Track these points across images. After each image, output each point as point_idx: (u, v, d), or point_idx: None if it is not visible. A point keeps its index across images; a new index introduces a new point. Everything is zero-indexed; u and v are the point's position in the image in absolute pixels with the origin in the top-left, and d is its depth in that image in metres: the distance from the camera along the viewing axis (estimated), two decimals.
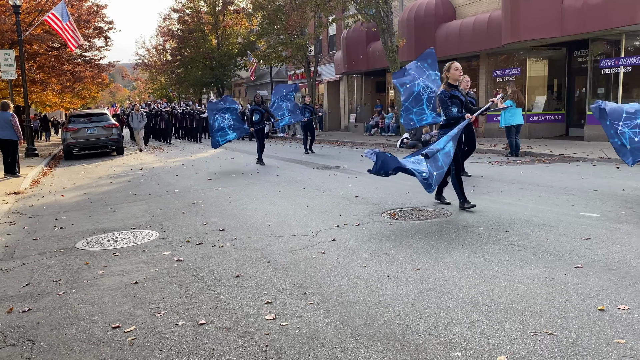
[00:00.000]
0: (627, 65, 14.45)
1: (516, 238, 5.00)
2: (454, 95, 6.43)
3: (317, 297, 3.73)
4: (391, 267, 4.33)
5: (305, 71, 27.10)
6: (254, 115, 13.54)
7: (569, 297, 3.46)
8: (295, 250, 5.00)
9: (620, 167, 9.80)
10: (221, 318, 3.45)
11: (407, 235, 5.36)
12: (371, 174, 5.99)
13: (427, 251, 4.74)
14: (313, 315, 3.40)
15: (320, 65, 29.52)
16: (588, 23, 14.03)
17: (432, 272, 4.13)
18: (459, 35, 18.58)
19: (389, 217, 6.27)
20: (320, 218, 6.39)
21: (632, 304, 3.28)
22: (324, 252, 4.85)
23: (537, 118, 17.52)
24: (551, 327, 3.03)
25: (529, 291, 3.61)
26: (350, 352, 2.86)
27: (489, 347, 2.82)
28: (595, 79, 15.58)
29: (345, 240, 5.28)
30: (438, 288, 3.77)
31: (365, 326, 3.18)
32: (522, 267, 4.14)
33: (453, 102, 6.42)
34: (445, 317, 3.24)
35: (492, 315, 3.24)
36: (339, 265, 4.44)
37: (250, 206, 7.43)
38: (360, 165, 11.97)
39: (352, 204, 7.23)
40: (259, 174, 11.17)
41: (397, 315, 3.32)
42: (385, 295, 3.68)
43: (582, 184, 8.02)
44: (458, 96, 6.44)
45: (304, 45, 25.21)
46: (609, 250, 4.46)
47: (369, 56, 23.97)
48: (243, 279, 4.23)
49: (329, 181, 9.58)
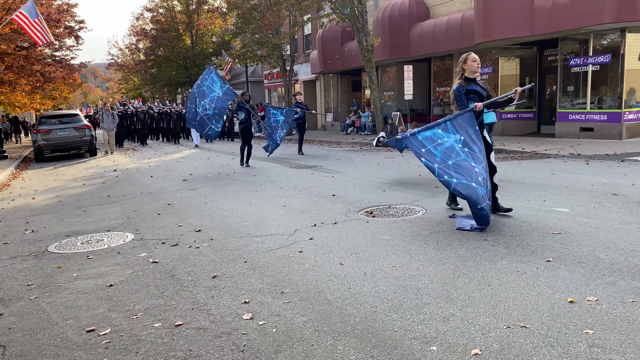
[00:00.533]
0: (595, 63, 14.82)
1: (490, 234, 5.10)
2: (471, 90, 5.80)
3: (295, 295, 3.74)
4: (368, 264, 4.36)
5: (281, 70, 27.03)
6: (239, 113, 12.82)
7: (541, 290, 3.54)
8: (272, 249, 5.00)
9: (590, 164, 10.06)
10: (198, 319, 3.44)
11: (384, 232, 5.41)
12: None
13: (403, 248, 4.79)
14: (290, 314, 3.41)
15: (296, 64, 29.49)
16: (557, 23, 14.34)
17: (408, 269, 4.18)
18: (433, 35, 18.79)
19: (365, 215, 6.31)
20: (297, 217, 6.40)
21: (601, 296, 3.38)
22: (302, 251, 4.86)
23: (510, 116, 17.83)
24: (523, 319, 3.10)
25: (502, 285, 3.69)
26: (328, 349, 2.88)
27: (464, 341, 2.88)
28: (565, 77, 15.93)
29: (323, 238, 5.30)
30: (414, 284, 3.82)
31: (343, 323, 3.21)
32: (496, 262, 4.22)
33: (470, 97, 5.79)
34: (421, 312, 3.29)
35: (466, 309, 3.30)
36: (316, 264, 4.45)
37: (227, 206, 7.40)
38: (338, 165, 12.03)
39: (329, 202, 7.26)
40: (235, 174, 11.12)
41: (374, 312, 3.35)
42: (362, 292, 3.71)
43: (553, 179, 8.20)
44: (477, 90, 5.82)
45: (280, 45, 25.14)
46: (578, 244, 4.58)
47: (345, 55, 24.06)
48: (220, 280, 4.21)
49: (306, 180, 9.59)
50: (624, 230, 4.95)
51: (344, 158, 13.60)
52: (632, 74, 14.35)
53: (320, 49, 25.46)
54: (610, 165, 9.69)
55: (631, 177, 8.08)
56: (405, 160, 12.15)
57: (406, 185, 8.47)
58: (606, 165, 9.82)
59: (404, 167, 11.01)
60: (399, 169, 10.72)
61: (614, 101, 14.62)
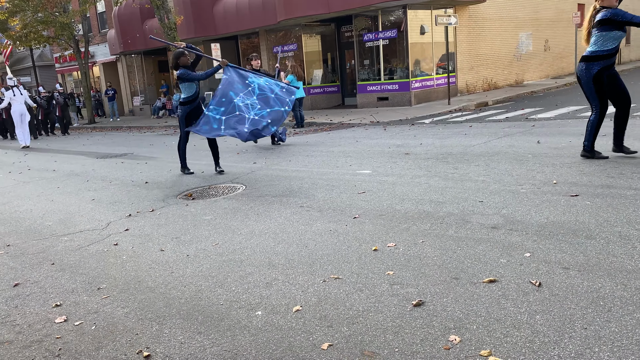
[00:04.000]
0: (385, 38, 16.46)
1: (305, 200, 5.43)
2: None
3: (113, 289, 3.54)
4: (190, 246, 4.32)
5: (74, 52, 24.48)
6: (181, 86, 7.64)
7: (350, 244, 3.92)
8: (83, 246, 4.62)
9: (387, 129, 11.26)
10: (1, 333, 3.05)
11: (205, 213, 5.38)
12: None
13: (225, 225, 4.84)
14: (110, 309, 3.23)
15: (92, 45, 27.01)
16: (350, 0, 15.51)
17: (231, 244, 4.25)
18: (237, 13, 18.82)
19: (184, 199, 6.19)
20: (109, 209, 5.99)
21: (398, 240, 3.88)
22: (117, 244, 4.59)
23: (317, 90, 18.90)
24: (337, 272, 3.41)
25: (318, 245, 3.98)
26: (154, 335, 2.82)
27: (286, 301, 3.06)
28: (361, 52, 17.41)
29: (140, 227, 5.07)
30: (237, 257, 3.91)
31: (167, 307, 3.15)
32: (311, 225, 4.53)
33: None
34: (245, 283, 3.40)
35: (287, 272, 3.50)
36: (134, 254, 4.26)
37: (24, 207, 6.57)
38: (151, 150, 11.47)
39: (144, 190, 6.93)
40: (30, 171, 9.88)
41: (199, 291, 3.36)
42: (185, 275, 3.68)
43: (357, 146, 9.00)
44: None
45: (69, 24, 22.69)
46: (379, 200, 5.15)
47: (147, 34, 22.72)
48: (23, 287, 3.77)
49: (117, 170, 8.98)
50: (415, 183, 5.70)
51: (157, 143, 13.03)
52: (415, 47, 16.30)
53: (118, 28, 23.64)
54: (403, 129, 10.98)
55: (419, 138, 9.28)
56: (223, 140, 12.13)
57: (224, 164, 8.49)
58: (400, 129, 11.09)
59: (221, 146, 10.96)
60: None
61: (402, 72, 16.46)
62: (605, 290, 2.77)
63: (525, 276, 3.05)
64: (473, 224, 4.08)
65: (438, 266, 3.33)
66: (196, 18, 19.64)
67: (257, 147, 10.29)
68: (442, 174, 6.01)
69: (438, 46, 16.69)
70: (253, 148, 10.16)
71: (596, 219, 3.92)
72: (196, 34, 19.98)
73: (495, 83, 19.24)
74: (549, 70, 22.60)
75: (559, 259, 3.24)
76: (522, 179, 5.39)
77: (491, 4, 17.99)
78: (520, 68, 20.71)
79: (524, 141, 7.77)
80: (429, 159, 7.08)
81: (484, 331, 2.50)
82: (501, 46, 19.45)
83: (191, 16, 19.53)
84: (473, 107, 14.48)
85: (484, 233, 3.86)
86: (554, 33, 22.49)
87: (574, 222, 3.90)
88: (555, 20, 22.44)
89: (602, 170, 5.42)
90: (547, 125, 9.39)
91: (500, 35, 19.26)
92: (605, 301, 2.66)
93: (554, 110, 11.66)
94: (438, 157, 7.15)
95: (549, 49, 22.42)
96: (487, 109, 13.76)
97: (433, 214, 4.49)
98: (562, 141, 7.43)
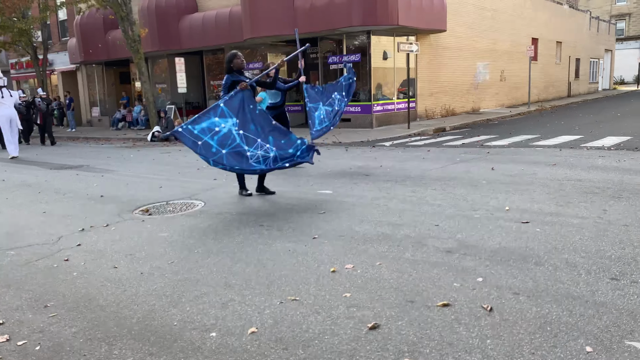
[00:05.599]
0: (348, 62, 16.73)
1: (265, 219, 5.41)
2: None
3: (61, 307, 3.42)
4: (145, 264, 4.22)
5: (32, 59, 23.76)
6: None
7: (309, 265, 3.92)
8: (31, 262, 4.44)
9: (348, 150, 11.38)
10: None
11: (161, 229, 5.28)
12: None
13: (181, 243, 4.76)
14: (57, 328, 3.11)
15: (52, 53, 26.29)
16: (315, 23, 15.73)
17: (187, 262, 4.18)
18: (203, 28, 18.76)
19: (141, 214, 6.05)
20: (61, 223, 5.79)
21: (356, 262, 3.91)
22: (68, 260, 4.44)
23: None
24: (294, 293, 3.40)
25: (276, 265, 3.97)
26: (103, 356, 2.72)
27: (241, 322, 3.03)
28: (326, 73, 17.62)
29: (93, 243, 4.92)
30: (193, 276, 3.84)
31: (118, 327, 3.06)
32: (270, 244, 4.51)
33: None
34: (200, 303, 3.34)
35: (243, 292, 3.47)
36: (85, 271, 4.12)
37: None
38: (108, 163, 11.20)
39: (99, 204, 6.74)
40: None
41: (152, 310, 3.28)
42: (138, 293, 3.58)
43: (319, 165, 9.03)
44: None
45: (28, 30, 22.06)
46: (339, 220, 5.18)
47: (109, 45, 22.32)
48: None
49: (71, 182, 8.71)
50: (374, 205, 5.78)
51: (115, 155, 12.72)
52: (377, 72, 16.64)
53: (79, 37, 23.10)
54: (364, 151, 11.14)
55: (379, 160, 9.43)
56: (183, 155, 11.97)
57: (184, 179, 8.38)
58: (361, 150, 11.25)
59: (181, 161, 10.83)
60: (176, 163, 10.51)
61: (365, 95, 16.74)
62: (552, 316, 2.88)
63: (478, 300, 3.13)
64: (429, 247, 4.17)
65: (394, 289, 3.38)
66: (161, 31, 19.45)
67: None
68: (401, 197, 6.12)
69: (400, 72, 17.10)
70: None
71: (545, 245, 4.07)
72: (160, 47, 19.77)
73: (453, 110, 19.81)
74: (504, 99, 23.47)
75: (510, 284, 3.34)
76: (477, 205, 5.55)
77: (451, 34, 18.63)
78: (477, 96, 21.44)
79: (479, 167, 8.01)
80: (389, 181, 7.20)
81: (437, 355, 2.55)
82: (460, 74, 20.11)
83: (156, 29, 19.33)
84: (431, 132, 14.86)
85: (439, 257, 3.94)
86: (510, 64, 23.45)
87: (525, 248, 4.04)
88: (511, 53, 23.43)
89: (552, 199, 5.65)
90: (501, 152, 9.73)
91: (459, 64, 19.93)
92: (552, 327, 2.76)
93: (508, 138, 12.09)
94: (397, 179, 7.28)
95: (504, 79, 23.32)
96: (444, 134, 14.14)
97: (391, 236, 4.55)
98: (514, 169, 7.70)
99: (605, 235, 4.26)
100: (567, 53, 29.84)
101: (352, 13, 15.05)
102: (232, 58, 6.24)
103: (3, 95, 13.38)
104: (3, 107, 13.38)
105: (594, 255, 3.80)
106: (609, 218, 4.77)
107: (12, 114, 13.46)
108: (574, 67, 31.43)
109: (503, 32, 22.59)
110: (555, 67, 28.46)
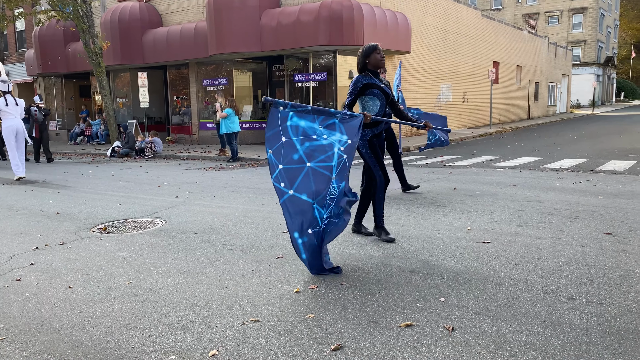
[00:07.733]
0: (315, 80, 16.89)
1: (228, 238, 5.33)
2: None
3: (12, 330, 3.25)
4: (102, 284, 4.08)
5: None
6: None
7: (272, 285, 3.88)
8: None
9: None
10: None
11: (120, 248, 5.12)
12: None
13: (141, 262, 4.63)
14: (6, 352, 2.95)
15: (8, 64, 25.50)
16: (282, 41, 15.84)
17: (146, 283, 4.06)
18: (167, 43, 18.59)
19: (99, 232, 5.87)
20: (13, 242, 5.55)
21: (319, 282, 3.89)
22: (20, 279, 4.24)
23: (247, 126, 18.87)
24: (257, 314, 3.35)
25: (239, 285, 3.90)
26: None
27: (202, 345, 2.95)
28: (292, 91, 17.71)
29: (47, 262, 4.73)
30: (152, 297, 3.73)
31: (72, 350, 2.93)
32: (233, 264, 4.44)
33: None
34: (160, 324, 3.25)
35: (204, 314, 3.39)
36: (39, 292, 3.95)
37: None
38: (65, 178, 10.85)
39: (55, 221, 6.51)
40: None
41: (109, 332, 3.16)
42: (95, 315, 3.45)
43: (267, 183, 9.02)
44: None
45: None
46: None
47: (69, 57, 21.83)
48: None
49: (25, 198, 8.39)
50: None
51: (72, 171, 12.35)
52: (343, 90, 16.81)
53: (38, 49, 22.51)
54: None
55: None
56: (144, 171, 11.74)
57: (144, 197, 8.19)
58: None
59: (142, 177, 10.60)
60: (137, 180, 10.28)
61: None
62: (512, 336, 2.93)
63: (440, 321, 3.15)
64: (392, 268, 4.19)
65: (358, 309, 3.37)
66: (124, 45, 19.16)
67: (181, 180, 10.04)
68: (365, 216, 6.14)
69: None
70: (176, 181, 9.89)
71: (505, 265, 4.16)
72: (123, 60, 19.45)
73: (417, 130, 20.19)
74: (467, 120, 24.11)
75: (471, 304, 3.39)
76: (439, 224, 5.63)
77: (416, 55, 19.08)
78: None
79: (441, 187, 8.16)
80: None
81: None
82: (424, 95, 20.56)
83: (119, 43, 19.03)
84: None
85: (402, 277, 3.96)
86: (472, 86, 24.17)
87: (486, 268, 4.11)
88: (473, 75, 24.17)
89: (512, 219, 5.80)
90: (464, 172, 9.95)
91: (423, 85, 20.39)
92: (511, 346, 2.80)
93: (470, 159, 12.39)
94: None
95: (467, 100, 23.99)
96: (408, 154, 14.37)
97: (355, 255, 4.56)
98: (476, 189, 7.88)
99: (562, 255, 4.39)
100: (526, 77, 31.03)
101: (319, 32, 15.24)
102: (370, 52, 4.83)
103: (8, 103, 10.80)
104: (8, 118, 10.81)
105: (551, 275, 3.91)
106: (566, 239, 4.92)
107: (19, 125, 10.86)
108: (534, 91, 32.70)
109: (465, 54, 23.30)
110: (515, 90, 29.52)
